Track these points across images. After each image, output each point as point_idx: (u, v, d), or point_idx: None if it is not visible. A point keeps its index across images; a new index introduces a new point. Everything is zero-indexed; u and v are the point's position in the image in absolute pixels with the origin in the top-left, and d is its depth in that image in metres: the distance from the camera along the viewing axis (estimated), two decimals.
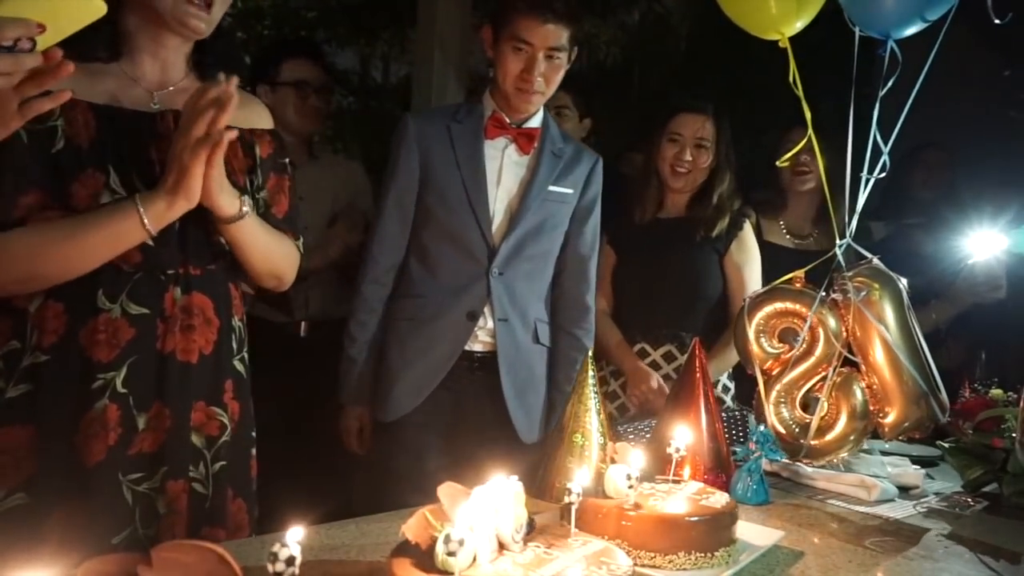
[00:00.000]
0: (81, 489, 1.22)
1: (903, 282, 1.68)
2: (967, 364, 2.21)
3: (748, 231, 2.34)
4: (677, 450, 1.27)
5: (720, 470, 1.52)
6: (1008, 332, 2.41)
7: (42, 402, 1.22)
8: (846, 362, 1.69)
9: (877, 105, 1.65)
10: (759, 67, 1.69)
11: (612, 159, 3.03)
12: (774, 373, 1.72)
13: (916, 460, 1.86)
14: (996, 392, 1.85)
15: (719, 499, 1.20)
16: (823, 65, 1.74)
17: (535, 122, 1.96)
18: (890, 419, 1.66)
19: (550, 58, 1.85)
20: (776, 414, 1.70)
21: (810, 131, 1.70)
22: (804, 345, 1.69)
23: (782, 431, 1.68)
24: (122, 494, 1.25)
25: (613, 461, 1.23)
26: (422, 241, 1.94)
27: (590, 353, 1.52)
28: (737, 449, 1.58)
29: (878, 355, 1.65)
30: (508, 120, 1.93)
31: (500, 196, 1.92)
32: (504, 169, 1.93)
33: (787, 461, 1.68)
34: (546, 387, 2.00)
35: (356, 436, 2.01)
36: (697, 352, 1.58)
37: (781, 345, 1.74)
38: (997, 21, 1.60)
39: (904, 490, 1.64)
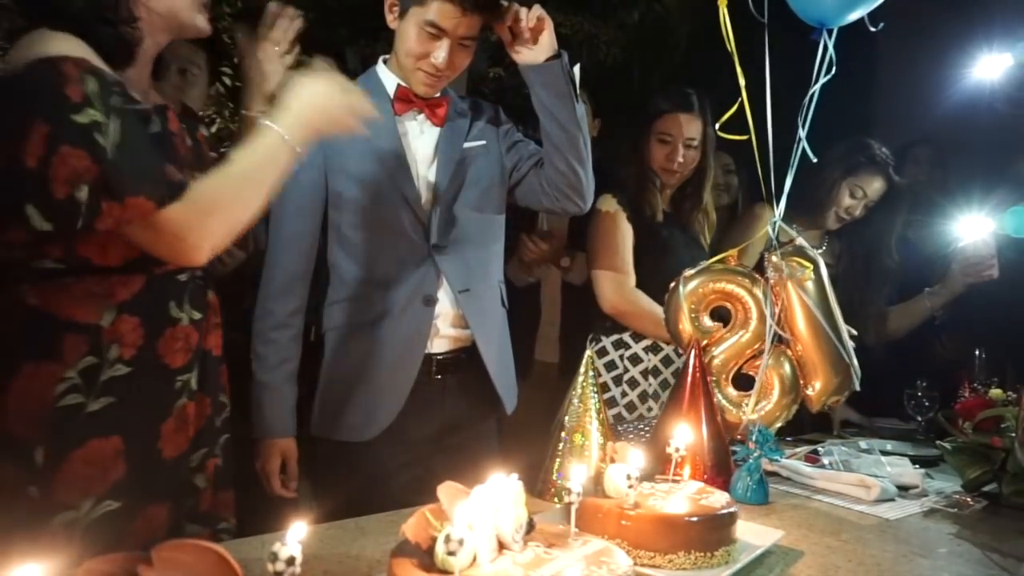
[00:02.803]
0: (164, 481, 1.30)
1: (821, 261, 1.72)
2: (966, 363, 2.21)
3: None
4: (677, 450, 1.27)
5: (720, 470, 1.52)
6: (1007, 331, 2.41)
7: (127, 411, 1.25)
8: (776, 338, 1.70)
9: (810, 98, 1.62)
10: (758, 68, 1.66)
11: (612, 159, 3.03)
12: (708, 351, 1.71)
13: (916, 460, 1.87)
14: (996, 392, 1.85)
15: (719, 499, 1.20)
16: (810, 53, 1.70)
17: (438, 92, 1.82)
18: (816, 389, 1.69)
19: (462, 46, 1.70)
20: None
21: (743, 95, 1.66)
22: (736, 323, 1.71)
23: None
24: (186, 482, 1.36)
25: (613, 461, 1.23)
26: (345, 233, 1.74)
27: (589, 353, 1.52)
28: (737, 449, 1.58)
29: (805, 329, 1.68)
30: (414, 94, 1.77)
31: (421, 170, 1.77)
32: (419, 142, 1.79)
33: (787, 461, 1.68)
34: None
35: (278, 476, 1.71)
36: (697, 352, 1.58)
37: (713, 324, 1.74)
38: (872, 29, 1.60)
39: (904, 490, 1.64)
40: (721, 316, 1.75)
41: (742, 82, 1.65)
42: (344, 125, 1.36)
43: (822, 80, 1.61)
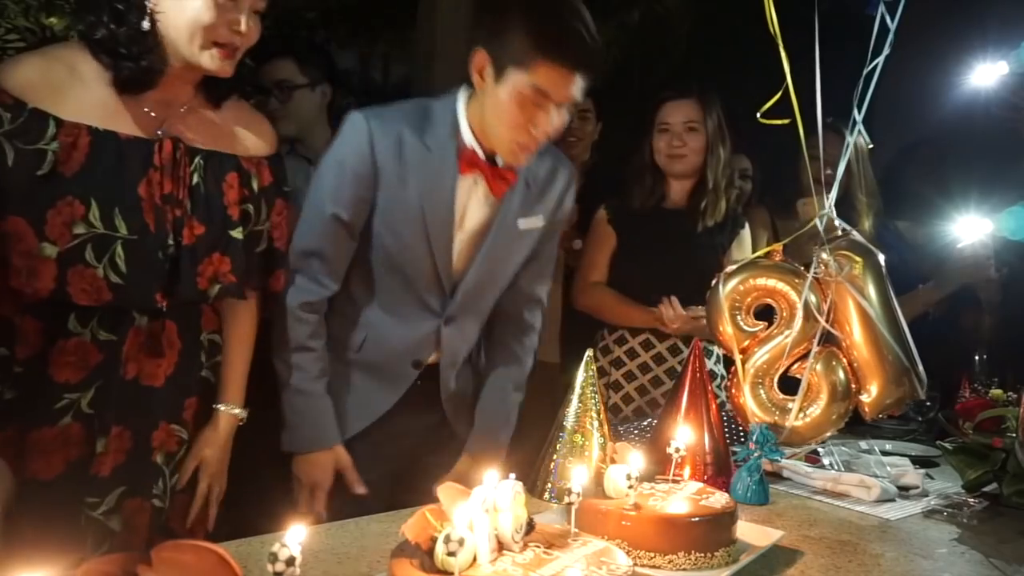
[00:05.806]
0: (34, 502, 1.24)
1: (882, 256, 1.61)
2: (966, 364, 2.22)
3: (747, 231, 2.37)
4: (677, 450, 1.27)
5: (720, 470, 1.52)
6: (1008, 332, 2.42)
7: (18, 410, 1.25)
8: (824, 339, 1.59)
9: (865, 78, 1.54)
10: (760, 68, 1.65)
11: (611, 159, 3.04)
12: (751, 352, 1.63)
13: (916, 460, 1.86)
14: (996, 392, 1.86)
15: (719, 499, 1.20)
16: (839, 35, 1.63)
17: None
18: (871, 397, 1.58)
19: (563, 108, 1.53)
20: (753, 396, 1.61)
21: (788, 80, 1.54)
22: (782, 322, 1.61)
23: (760, 414, 1.60)
24: (78, 516, 1.27)
25: (613, 461, 1.23)
26: (368, 264, 1.64)
27: (589, 354, 1.52)
28: (737, 449, 1.58)
29: (860, 331, 1.56)
30: (483, 155, 1.59)
31: (460, 237, 1.63)
32: (469, 208, 1.63)
33: (787, 461, 1.68)
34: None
35: (324, 494, 1.59)
36: (697, 353, 1.58)
37: (758, 323, 1.63)
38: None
39: (904, 490, 1.64)
40: (766, 315, 1.65)
41: (786, 65, 1.53)
42: None
43: (882, 54, 1.51)
